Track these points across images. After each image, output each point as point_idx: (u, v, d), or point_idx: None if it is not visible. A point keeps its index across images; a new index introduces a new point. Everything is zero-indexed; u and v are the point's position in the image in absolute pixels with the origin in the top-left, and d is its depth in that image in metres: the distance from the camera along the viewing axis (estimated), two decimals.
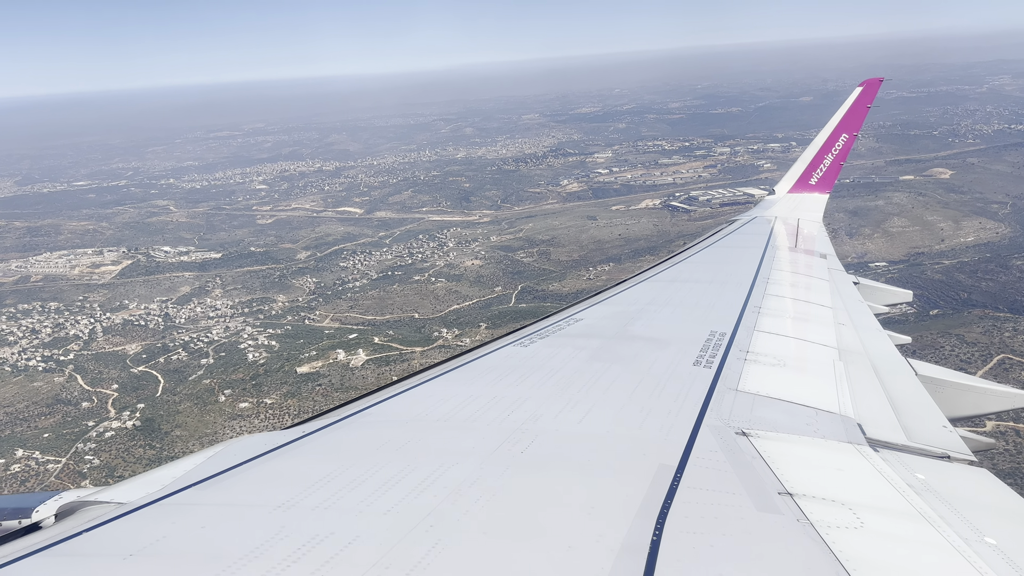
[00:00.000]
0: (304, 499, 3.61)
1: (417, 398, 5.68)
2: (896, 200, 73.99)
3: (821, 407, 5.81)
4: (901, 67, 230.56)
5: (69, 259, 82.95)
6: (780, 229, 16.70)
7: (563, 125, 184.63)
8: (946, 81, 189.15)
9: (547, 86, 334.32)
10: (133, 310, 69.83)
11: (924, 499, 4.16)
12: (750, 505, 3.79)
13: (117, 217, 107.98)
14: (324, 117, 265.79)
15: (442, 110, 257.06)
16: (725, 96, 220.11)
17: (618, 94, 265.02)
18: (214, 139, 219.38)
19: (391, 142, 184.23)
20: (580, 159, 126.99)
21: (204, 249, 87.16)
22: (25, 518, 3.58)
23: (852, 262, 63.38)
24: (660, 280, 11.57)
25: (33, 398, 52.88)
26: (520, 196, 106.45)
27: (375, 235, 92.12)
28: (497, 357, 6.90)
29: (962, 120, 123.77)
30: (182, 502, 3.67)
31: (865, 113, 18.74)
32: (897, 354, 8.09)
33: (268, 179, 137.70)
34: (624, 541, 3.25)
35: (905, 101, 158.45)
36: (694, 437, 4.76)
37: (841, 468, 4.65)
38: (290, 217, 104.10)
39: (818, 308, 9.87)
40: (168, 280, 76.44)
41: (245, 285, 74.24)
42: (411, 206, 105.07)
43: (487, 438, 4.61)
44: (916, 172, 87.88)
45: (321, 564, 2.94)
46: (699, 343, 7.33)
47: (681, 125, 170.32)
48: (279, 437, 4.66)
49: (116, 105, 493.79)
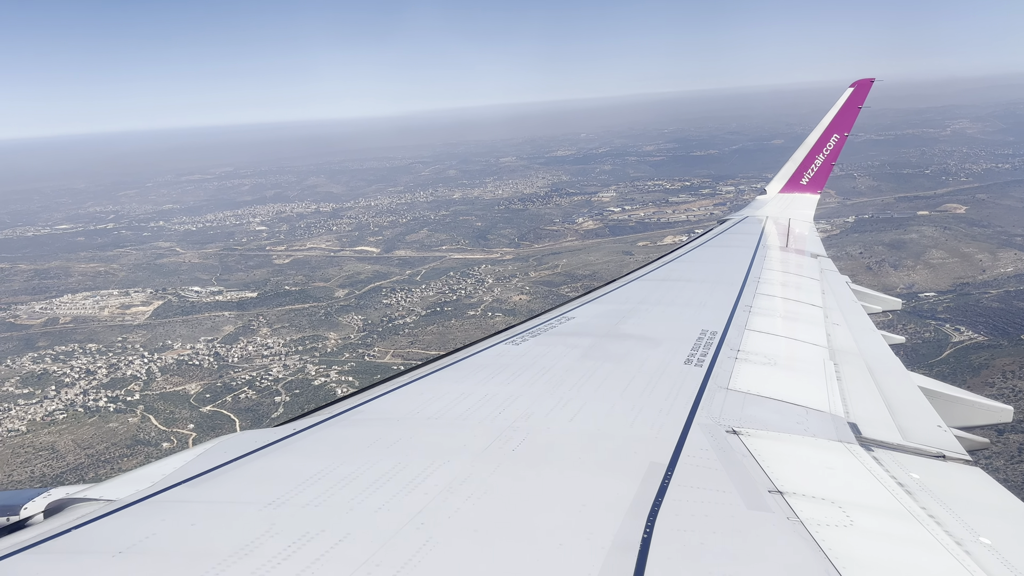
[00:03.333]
0: (295, 496, 3.60)
1: (409, 395, 5.68)
2: (928, 234, 77.14)
3: (811, 406, 5.86)
4: (860, 113, 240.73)
5: (96, 300, 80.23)
6: (771, 229, 17.09)
7: (546, 168, 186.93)
8: (907, 125, 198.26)
9: (510, 131, 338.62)
10: (179, 350, 67.73)
11: (915, 498, 4.19)
12: (740, 503, 3.81)
13: (122, 259, 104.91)
14: (294, 161, 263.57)
15: (413, 154, 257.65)
16: (696, 140, 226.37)
17: (585, 138, 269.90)
18: (187, 183, 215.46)
19: (374, 184, 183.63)
20: (585, 199, 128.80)
21: (235, 288, 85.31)
22: (13, 515, 3.61)
23: (903, 292, 65.71)
24: (651, 279, 11.72)
25: (111, 439, 50.72)
26: (538, 234, 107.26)
27: (403, 273, 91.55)
28: (488, 355, 6.92)
29: (945, 160, 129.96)
30: (172, 499, 3.63)
31: (856, 114, 19.14)
32: (891, 354, 8.23)
33: (266, 220, 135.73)
34: (615, 539, 3.24)
35: (876, 144, 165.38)
36: (685, 435, 4.78)
37: (831, 466, 4.70)
38: (307, 257, 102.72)
39: (809, 307, 10.00)
40: (208, 320, 74.48)
41: (292, 323, 72.80)
42: (429, 244, 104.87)
43: (478, 436, 4.61)
44: (930, 208, 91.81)
45: (311, 562, 2.94)
46: (690, 342, 7.38)
47: (664, 167, 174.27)
48: (270, 434, 4.66)
49: (72, 150, 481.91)
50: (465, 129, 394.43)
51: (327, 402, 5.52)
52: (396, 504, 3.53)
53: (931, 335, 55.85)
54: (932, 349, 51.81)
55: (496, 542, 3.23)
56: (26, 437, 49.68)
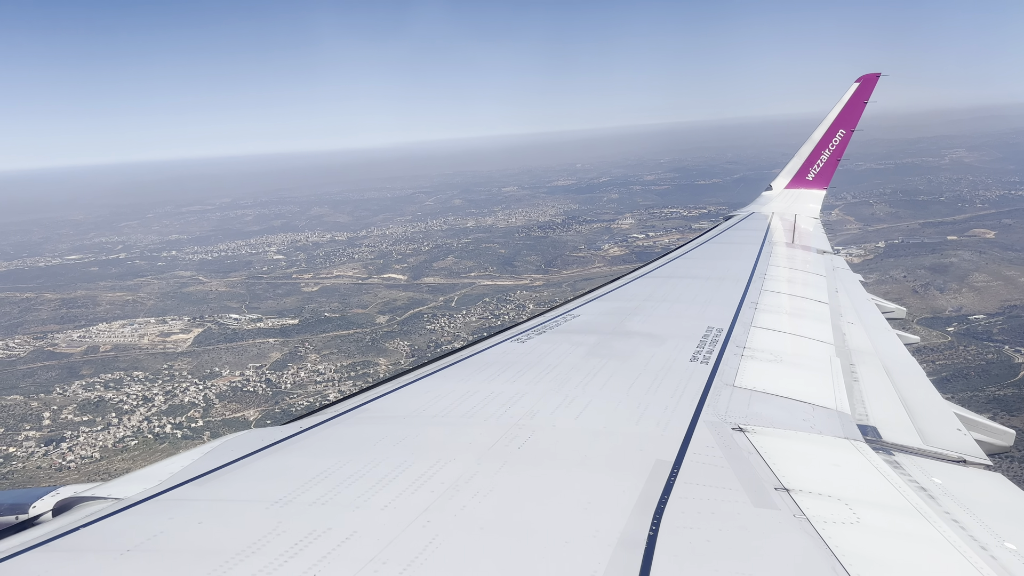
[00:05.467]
0: (301, 494, 3.62)
1: (414, 394, 5.72)
2: (966, 258, 78.43)
3: (817, 403, 5.87)
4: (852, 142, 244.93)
5: (134, 328, 79.21)
6: (777, 225, 17.20)
7: (551, 197, 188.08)
8: (904, 155, 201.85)
9: (506, 162, 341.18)
10: (229, 377, 66.86)
11: (938, 502, 4.17)
12: (747, 500, 3.82)
13: (145, 288, 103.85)
14: (292, 192, 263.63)
15: (412, 184, 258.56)
16: (696, 169, 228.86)
17: (582, 168, 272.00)
18: (188, 213, 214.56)
19: (380, 214, 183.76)
20: (604, 226, 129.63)
21: (272, 316, 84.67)
22: (22, 513, 3.65)
23: (952, 315, 66.60)
24: (657, 276, 11.81)
25: None
26: (565, 260, 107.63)
27: (437, 299, 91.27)
28: (494, 353, 6.97)
29: (953, 187, 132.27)
30: (179, 497, 3.67)
31: (862, 109, 19.08)
32: (908, 355, 8.18)
33: (282, 249, 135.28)
34: (621, 536, 3.26)
35: (878, 172, 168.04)
36: (691, 432, 4.81)
37: (837, 463, 4.71)
38: (336, 284, 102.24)
39: (815, 304, 9.98)
40: (252, 347, 73.69)
41: (340, 349, 72.23)
42: (457, 272, 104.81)
43: (484, 434, 4.64)
44: (957, 233, 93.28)
45: (318, 559, 2.96)
46: (696, 339, 7.40)
47: (671, 196, 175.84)
48: (276, 432, 4.71)
49: (64, 182, 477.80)
50: (460, 160, 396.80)
51: (332, 400, 5.48)
52: (402, 502, 3.53)
53: (994, 356, 56.43)
54: (1004, 371, 52.35)
55: (502, 539, 3.23)
56: (100, 464, 48.64)
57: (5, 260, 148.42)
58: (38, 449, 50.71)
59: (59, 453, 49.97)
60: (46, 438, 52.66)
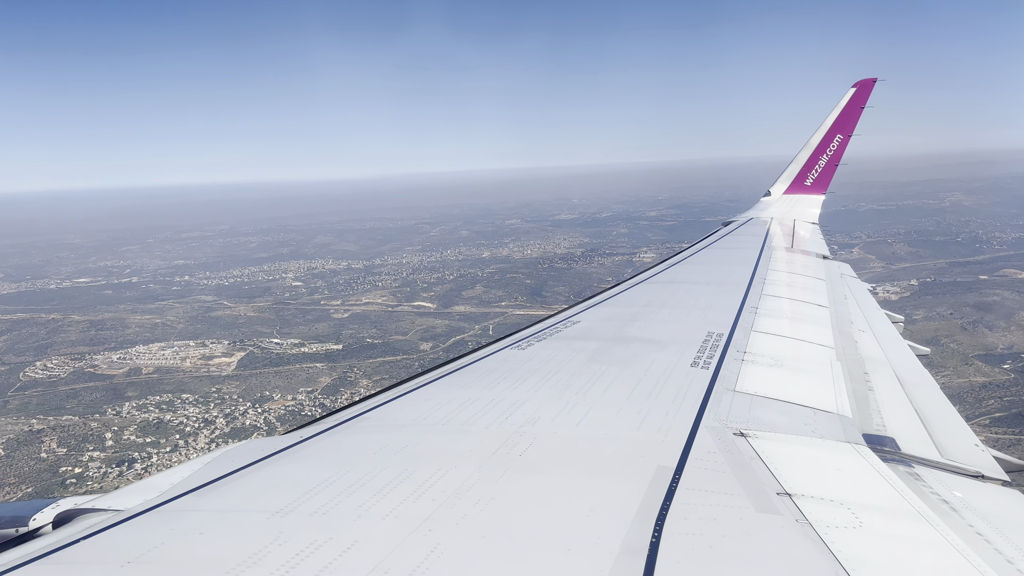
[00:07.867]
0: (302, 504, 3.63)
1: (415, 402, 5.73)
2: (1008, 296, 79.66)
3: (819, 407, 5.87)
4: (846, 184, 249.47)
5: (175, 351, 77.99)
6: (776, 230, 17.35)
7: (558, 230, 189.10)
8: (902, 197, 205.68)
9: (502, 195, 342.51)
10: (282, 400, 65.93)
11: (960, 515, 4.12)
12: (749, 506, 3.82)
13: (169, 312, 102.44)
14: (290, 220, 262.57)
15: (413, 215, 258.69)
16: (697, 206, 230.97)
17: (579, 204, 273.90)
18: (189, 239, 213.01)
19: (386, 243, 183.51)
20: (626, 259, 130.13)
21: (313, 341, 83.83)
22: (22, 526, 3.66)
23: (1005, 353, 67.28)
24: (657, 282, 12.01)
25: None
26: (594, 291, 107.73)
27: (473, 327, 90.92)
28: (495, 360, 6.97)
29: (963, 229, 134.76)
30: (180, 508, 3.68)
31: (859, 114, 19.11)
32: (920, 365, 8.12)
33: (299, 276, 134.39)
34: (623, 543, 3.26)
35: (883, 214, 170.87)
36: (692, 438, 4.82)
37: (839, 468, 4.72)
38: (366, 311, 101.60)
39: (815, 308, 10.03)
40: (300, 371, 72.80)
41: (390, 374, 71.36)
42: (488, 300, 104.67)
43: (485, 441, 4.64)
44: (988, 273, 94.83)
45: (320, 569, 2.96)
46: (696, 344, 7.41)
47: (679, 231, 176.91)
48: (277, 442, 4.73)
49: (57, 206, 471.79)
50: (455, 192, 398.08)
51: (333, 410, 5.49)
52: (403, 511, 3.53)
53: None
54: None
55: (504, 547, 3.22)
56: None
57: (12, 282, 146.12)
58: (110, 470, 49.45)
59: (134, 473, 48.75)
60: (114, 459, 51.37)
